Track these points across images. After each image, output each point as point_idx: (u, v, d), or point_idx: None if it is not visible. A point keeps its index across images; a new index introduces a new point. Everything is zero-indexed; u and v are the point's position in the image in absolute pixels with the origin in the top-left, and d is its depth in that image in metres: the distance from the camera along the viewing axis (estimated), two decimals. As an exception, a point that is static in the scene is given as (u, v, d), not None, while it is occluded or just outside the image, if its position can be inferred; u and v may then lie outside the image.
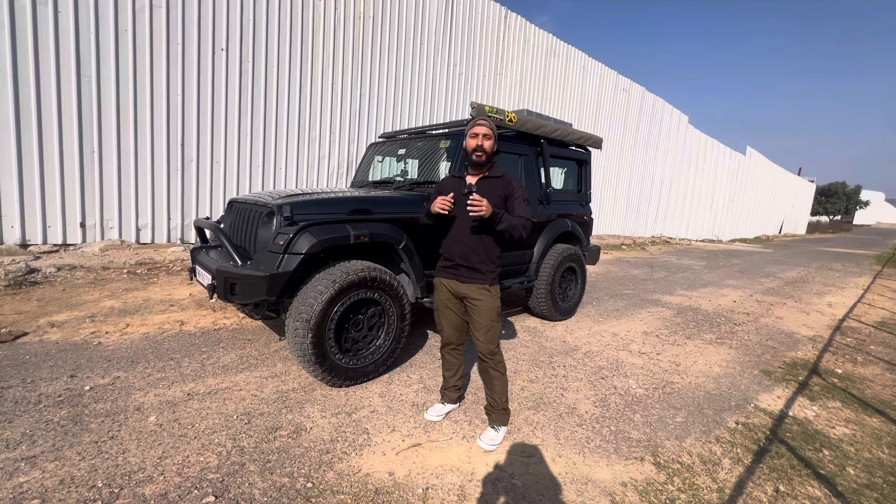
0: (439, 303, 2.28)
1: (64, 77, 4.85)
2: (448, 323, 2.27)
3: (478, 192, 2.00)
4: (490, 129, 2.10)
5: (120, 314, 3.64)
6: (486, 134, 2.08)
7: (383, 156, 4.19)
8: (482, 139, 2.08)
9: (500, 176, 2.17)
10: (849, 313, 5.72)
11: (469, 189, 2.03)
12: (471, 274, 2.13)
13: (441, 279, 2.24)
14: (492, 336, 2.14)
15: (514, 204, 2.11)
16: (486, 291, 2.12)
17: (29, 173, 4.78)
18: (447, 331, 2.29)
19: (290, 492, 1.72)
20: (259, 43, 6.14)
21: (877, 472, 2.16)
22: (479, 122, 2.11)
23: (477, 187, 2.04)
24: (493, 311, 2.13)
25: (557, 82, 10.98)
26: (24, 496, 1.60)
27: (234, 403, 2.37)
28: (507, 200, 2.12)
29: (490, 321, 2.12)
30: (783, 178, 27.27)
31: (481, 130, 2.08)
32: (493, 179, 2.15)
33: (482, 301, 2.12)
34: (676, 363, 3.47)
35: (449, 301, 2.23)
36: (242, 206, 3.02)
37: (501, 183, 2.14)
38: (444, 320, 2.28)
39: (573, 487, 1.88)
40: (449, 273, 2.20)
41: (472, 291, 2.13)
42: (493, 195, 2.07)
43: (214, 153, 5.98)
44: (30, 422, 2.07)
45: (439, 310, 2.29)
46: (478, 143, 2.07)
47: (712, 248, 14.36)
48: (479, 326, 2.13)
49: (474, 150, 2.09)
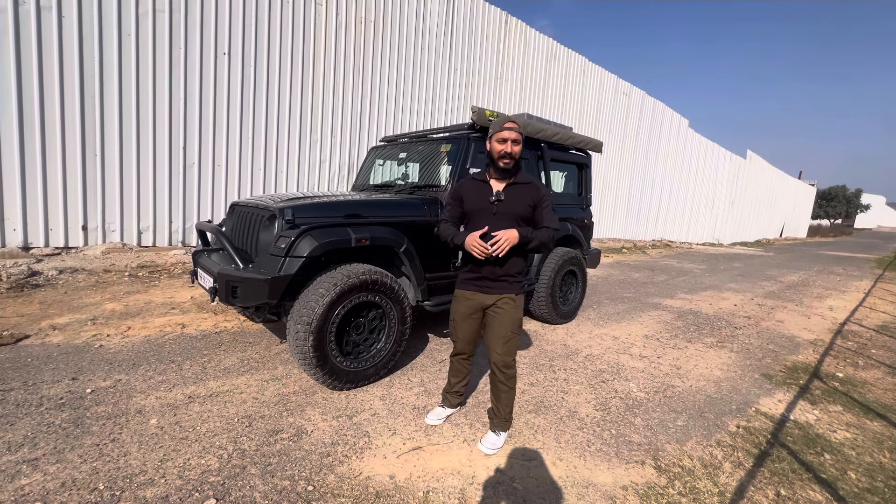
0: (458, 314, 2.19)
1: (67, 81, 4.88)
2: (464, 335, 2.20)
3: (505, 199, 1.97)
4: (519, 134, 1.97)
5: (121, 317, 3.64)
6: (514, 139, 1.96)
7: (384, 159, 4.21)
8: (511, 145, 1.95)
9: (529, 183, 2.05)
10: (850, 317, 5.72)
11: (497, 198, 1.98)
12: (497, 285, 2.06)
13: (463, 291, 2.15)
14: (510, 348, 2.08)
15: (543, 213, 2.01)
16: (512, 301, 2.06)
17: (31, 176, 4.80)
18: (461, 342, 2.23)
19: (290, 495, 1.73)
20: (261, 47, 6.18)
21: (878, 476, 2.16)
22: (507, 126, 1.96)
23: (504, 195, 1.99)
24: (515, 322, 2.07)
25: (558, 86, 11.02)
26: (26, 498, 1.60)
27: (235, 406, 2.37)
28: (536, 209, 2.02)
29: (510, 332, 2.06)
30: (784, 182, 27.29)
31: (510, 136, 1.95)
32: (521, 186, 2.03)
33: (504, 311, 2.06)
34: (677, 367, 3.46)
35: (469, 314, 2.15)
36: (244, 209, 3.04)
37: (530, 191, 2.03)
38: (461, 332, 2.21)
39: (574, 491, 1.88)
40: (473, 285, 2.11)
41: (500, 301, 2.07)
42: (522, 204, 1.99)
43: (216, 156, 6.01)
44: (31, 424, 2.08)
45: (457, 321, 2.20)
46: (506, 149, 1.96)
47: (713, 252, 14.35)
48: (499, 336, 2.07)
49: (501, 156, 1.97)
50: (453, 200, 2.14)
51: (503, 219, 1.99)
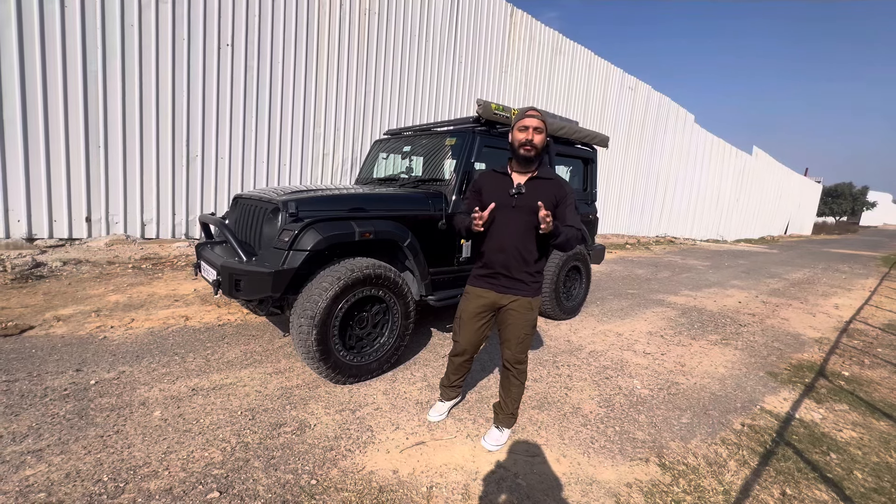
0: (465, 313, 2.08)
1: (70, 72, 4.85)
2: (468, 334, 2.09)
3: (526, 193, 1.88)
4: (541, 122, 1.88)
5: (125, 309, 3.65)
6: (536, 127, 1.87)
7: (388, 153, 4.18)
8: (532, 133, 1.87)
9: (552, 178, 1.95)
10: (855, 315, 5.67)
11: (518, 190, 1.89)
12: (512, 284, 1.97)
13: (475, 288, 2.06)
14: (523, 347, 2.04)
15: (566, 211, 1.89)
16: (528, 304, 1.98)
17: (35, 168, 4.79)
18: (464, 342, 2.12)
19: (294, 489, 1.72)
20: (264, 39, 6.12)
21: (885, 476, 2.14)
22: (529, 114, 1.89)
23: (526, 188, 1.90)
24: (530, 323, 2.00)
25: (563, 80, 10.91)
26: (31, 489, 1.61)
27: (238, 399, 2.37)
28: (558, 206, 1.90)
29: (524, 333, 2.00)
30: (789, 179, 27.05)
31: (532, 123, 1.87)
32: (543, 181, 1.94)
33: (520, 314, 1.98)
34: (681, 364, 3.44)
35: (478, 313, 2.05)
36: (247, 202, 3.02)
37: (553, 186, 1.92)
38: (465, 332, 2.10)
39: (578, 488, 1.87)
40: (486, 283, 2.03)
41: (514, 304, 1.99)
42: (545, 200, 1.83)
43: (219, 149, 5.98)
44: (36, 415, 2.08)
45: (463, 320, 2.09)
46: (527, 136, 1.87)
47: (717, 249, 14.28)
48: (513, 336, 2.01)
49: (522, 144, 1.88)
50: (472, 193, 2.08)
51: (523, 213, 1.90)
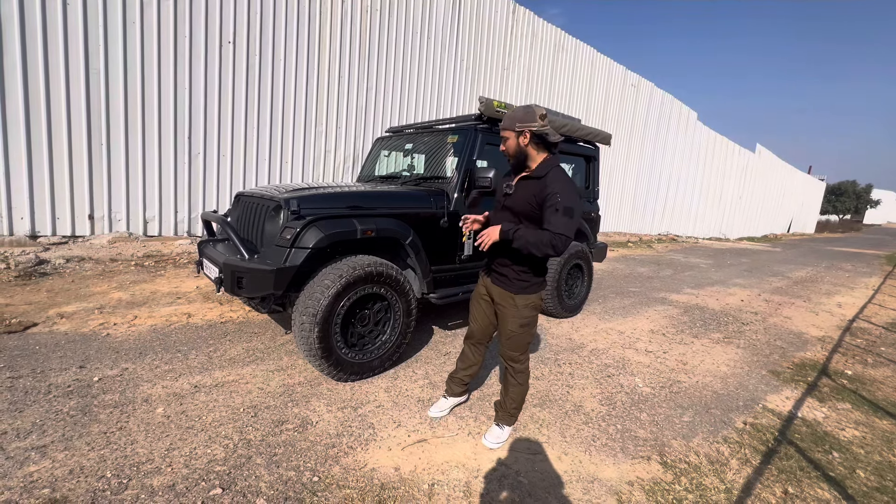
0: (475, 294, 2.24)
1: (73, 70, 4.86)
2: (476, 316, 2.23)
3: (516, 192, 1.96)
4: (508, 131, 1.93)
5: (128, 306, 3.66)
6: (503, 137, 1.98)
7: (390, 150, 4.17)
8: (503, 143, 1.99)
9: (540, 177, 1.89)
10: (859, 314, 5.65)
11: (505, 191, 2.00)
12: (500, 278, 2.05)
13: (482, 275, 2.22)
14: (513, 344, 2.05)
15: (546, 213, 1.81)
16: (511, 299, 2.01)
17: (38, 165, 4.81)
18: (473, 324, 2.25)
19: (296, 485, 1.73)
20: (266, 36, 6.11)
21: (887, 475, 2.13)
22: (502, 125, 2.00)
23: (515, 188, 1.98)
24: (516, 322, 2.01)
25: (565, 77, 10.86)
26: (35, 485, 1.62)
27: (240, 396, 2.38)
28: (542, 206, 1.84)
29: (511, 330, 2.03)
30: (793, 177, 26.90)
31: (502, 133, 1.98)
32: (531, 181, 1.93)
33: (506, 308, 2.03)
34: (683, 362, 3.44)
35: (480, 295, 2.20)
36: (249, 199, 3.02)
37: (537, 186, 1.88)
38: (472, 312, 2.25)
39: (579, 486, 1.87)
40: (484, 271, 2.18)
41: (499, 296, 2.06)
42: (525, 200, 1.89)
43: (221, 146, 5.98)
44: (40, 412, 2.09)
45: (473, 300, 2.26)
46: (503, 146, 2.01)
47: (719, 247, 14.23)
48: (503, 331, 2.08)
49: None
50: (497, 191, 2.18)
51: (506, 213, 2.00)
